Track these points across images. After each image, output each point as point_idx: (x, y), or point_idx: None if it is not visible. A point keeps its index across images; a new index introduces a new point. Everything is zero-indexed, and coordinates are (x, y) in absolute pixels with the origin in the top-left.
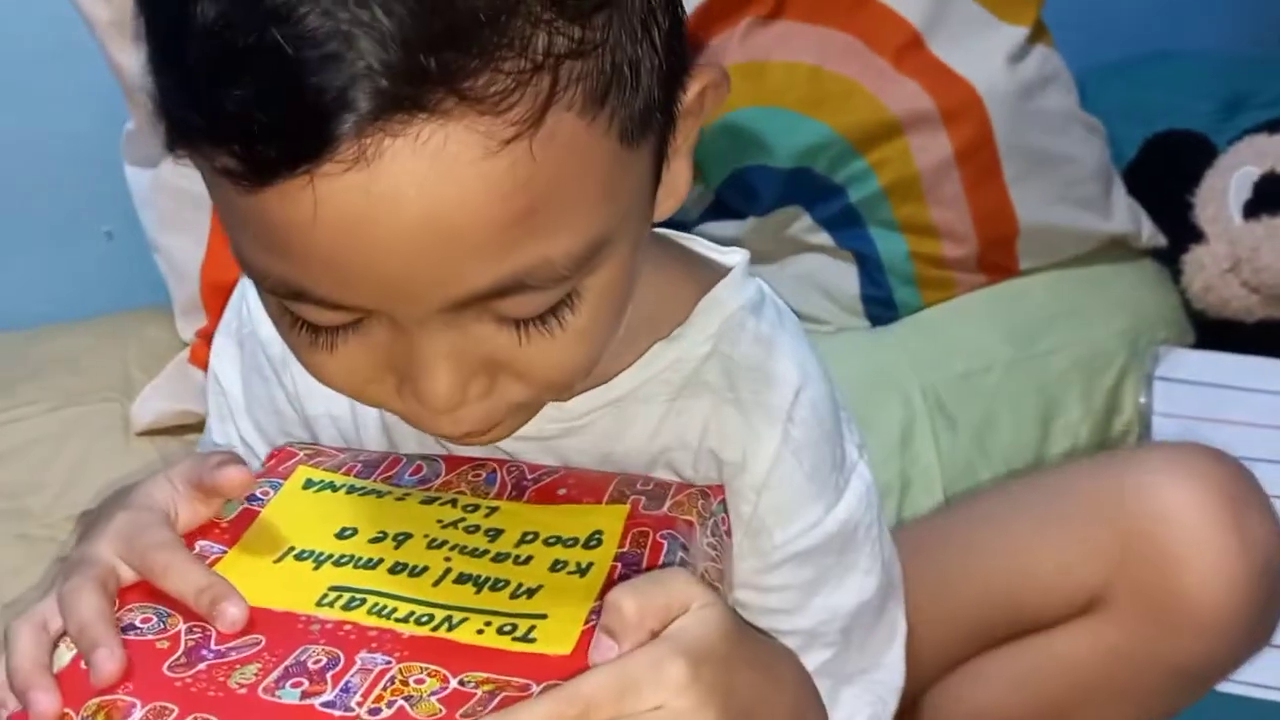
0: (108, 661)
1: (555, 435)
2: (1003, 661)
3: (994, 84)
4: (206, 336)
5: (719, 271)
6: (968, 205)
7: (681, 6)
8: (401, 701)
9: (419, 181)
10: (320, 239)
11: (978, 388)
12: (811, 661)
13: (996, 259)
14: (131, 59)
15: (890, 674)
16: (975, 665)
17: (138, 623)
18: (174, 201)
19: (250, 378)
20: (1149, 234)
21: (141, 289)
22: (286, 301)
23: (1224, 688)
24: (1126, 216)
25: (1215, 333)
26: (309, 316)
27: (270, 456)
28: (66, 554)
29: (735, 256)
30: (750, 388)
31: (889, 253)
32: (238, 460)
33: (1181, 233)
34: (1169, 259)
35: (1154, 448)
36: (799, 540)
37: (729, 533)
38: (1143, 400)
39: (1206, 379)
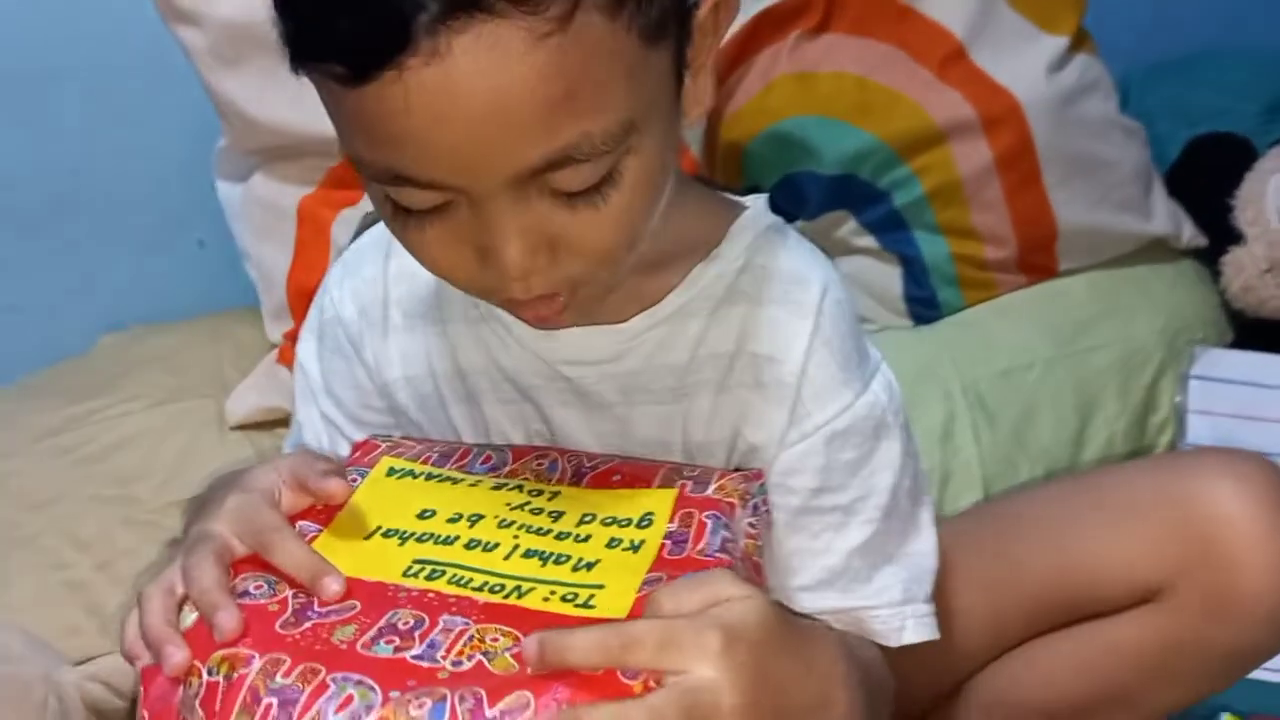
0: (228, 620)
1: (613, 357)
2: (1061, 646)
3: (1034, 93)
4: (293, 338)
5: (743, 206)
6: (1008, 209)
7: None
8: (480, 656)
9: (480, 70)
10: (411, 124)
11: (1018, 385)
12: (853, 538)
13: (1037, 260)
14: (224, 82)
15: (924, 558)
16: (1030, 649)
17: (251, 589)
18: (264, 214)
19: (331, 360)
20: (1189, 235)
21: (229, 293)
22: (388, 188)
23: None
24: (1166, 218)
25: (1254, 332)
26: (405, 200)
27: (356, 448)
28: (172, 537)
29: (754, 197)
30: (781, 290)
31: (932, 255)
32: (341, 472)
33: (1221, 233)
34: (1209, 259)
35: (1205, 453)
36: (836, 421)
37: (769, 511)
38: (1178, 398)
39: (1242, 378)
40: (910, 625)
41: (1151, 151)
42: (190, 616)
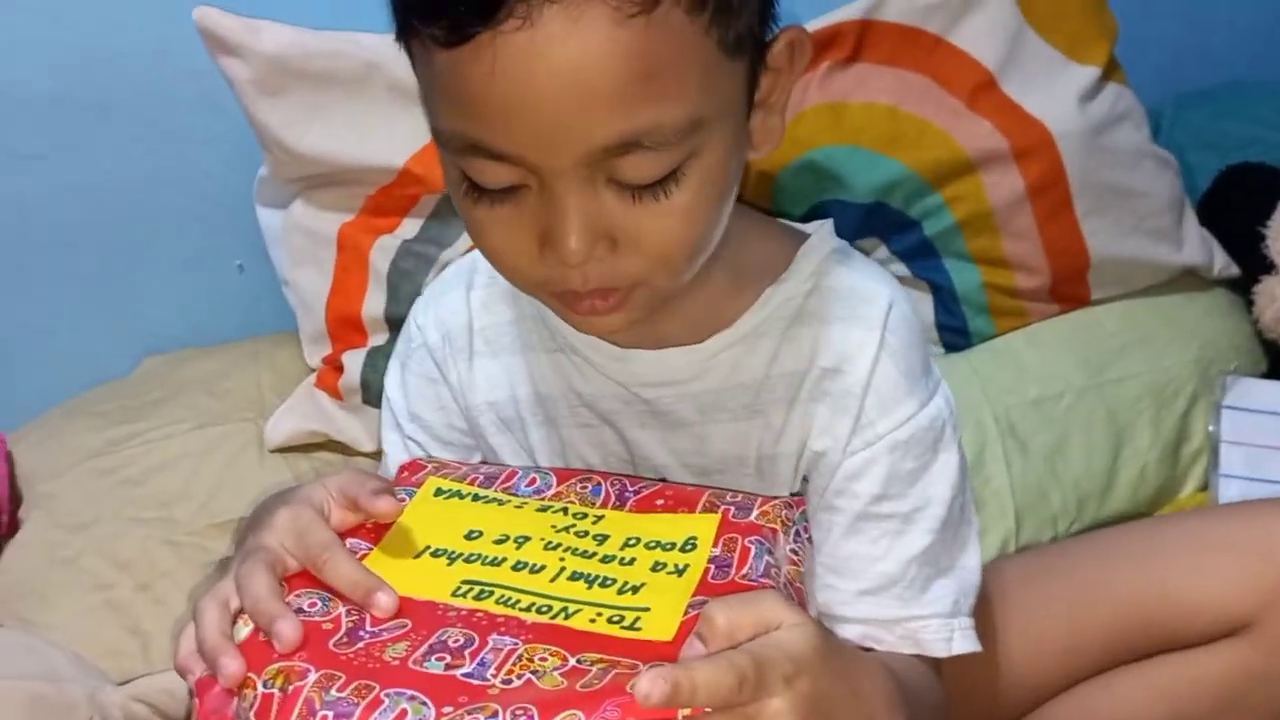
0: (289, 630)
1: (690, 378)
2: (1141, 676)
3: (1066, 123)
4: (331, 363)
5: (807, 232)
6: (1040, 238)
7: None
8: (529, 675)
9: (566, 40)
10: (495, 88)
11: (1049, 413)
12: (912, 546)
13: (1069, 289)
14: (266, 112)
15: (972, 573)
16: (1108, 678)
17: (305, 606)
18: (304, 240)
19: (417, 384)
20: (1221, 265)
21: (268, 317)
22: (464, 160)
23: None
24: (1198, 248)
25: None
26: (480, 176)
27: (403, 468)
28: (222, 557)
29: (817, 223)
30: (848, 306)
31: (963, 283)
32: (390, 491)
33: (1254, 263)
34: (1242, 289)
35: None
36: (899, 431)
37: (810, 539)
38: (1211, 428)
39: (1276, 408)
40: (957, 637)
41: (1183, 181)
42: (244, 630)
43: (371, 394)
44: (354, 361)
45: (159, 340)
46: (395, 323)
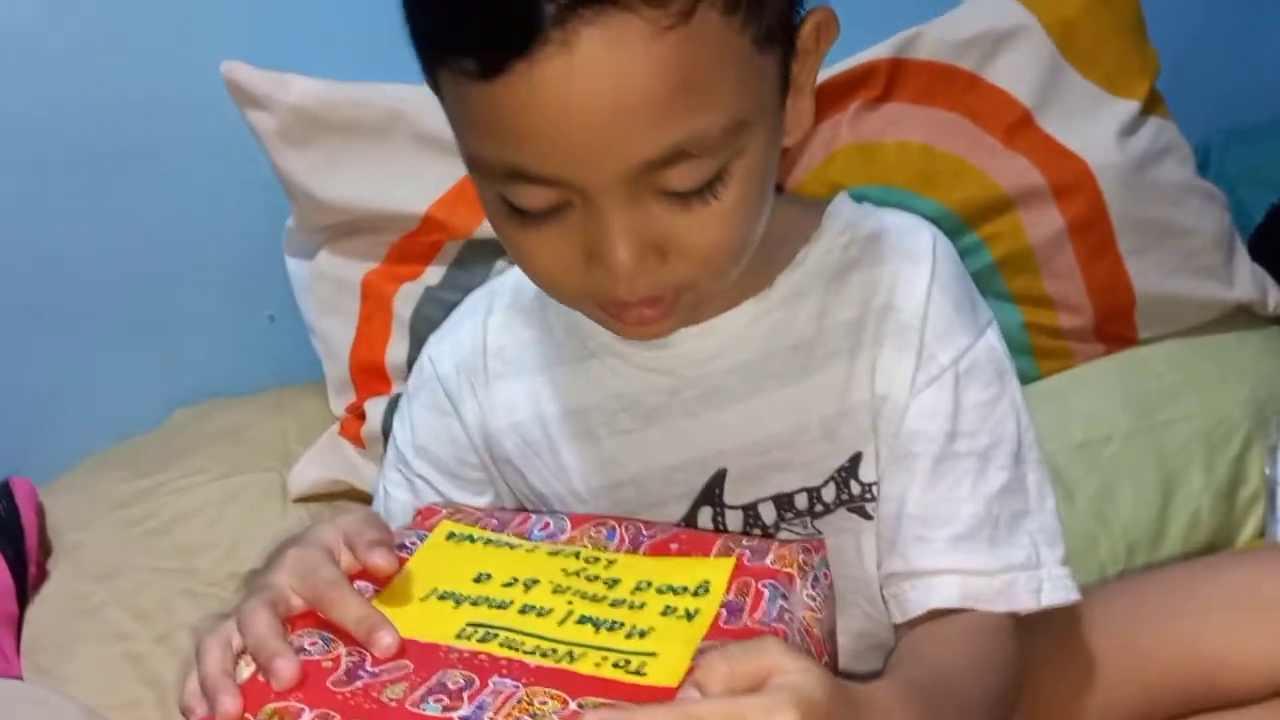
0: (286, 667)
1: (733, 346)
2: None
3: (1106, 158)
4: (355, 411)
5: (827, 199)
6: (1082, 277)
7: None
8: (527, 718)
9: (605, 60)
10: (534, 116)
11: (1095, 458)
12: (992, 483)
13: (1115, 329)
14: (292, 163)
15: (1051, 517)
16: None
17: (306, 645)
18: (329, 289)
19: (426, 418)
20: (1276, 301)
21: (299, 366)
22: (506, 188)
23: None
24: (1250, 284)
25: None
26: (522, 200)
27: (418, 513)
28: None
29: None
30: (893, 245)
31: (1004, 323)
32: (389, 545)
33: None
34: None
35: None
36: (960, 361)
37: (831, 586)
38: (1267, 471)
39: None
40: (1047, 587)
41: (1234, 217)
42: (246, 670)
43: None
44: (376, 410)
45: (191, 392)
46: None
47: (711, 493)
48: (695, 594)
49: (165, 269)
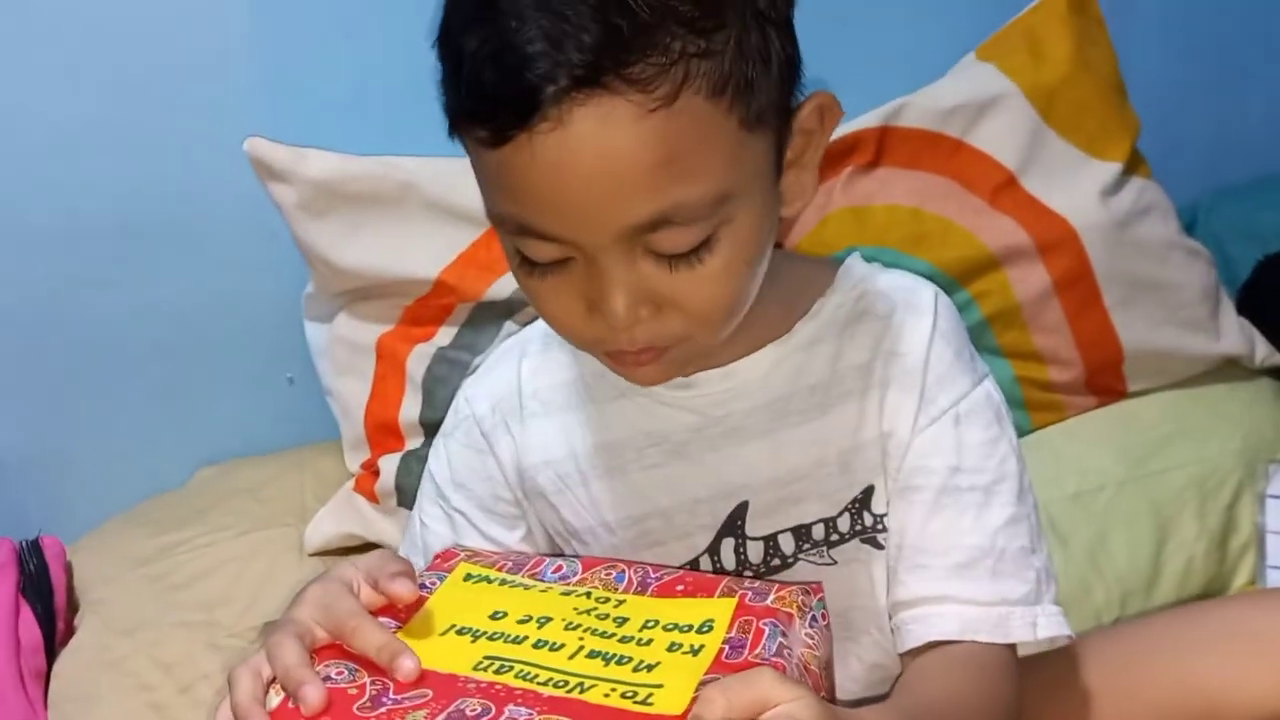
0: (313, 693)
1: (756, 387)
2: None
3: (1089, 218)
4: (370, 467)
5: (839, 259)
6: (1070, 331)
7: (795, 42)
8: None
9: (594, 136)
10: (535, 180)
11: (1089, 507)
12: (995, 518)
13: (1104, 382)
14: (311, 233)
15: (1047, 560)
16: None
17: (333, 674)
18: (346, 351)
19: (464, 455)
20: (1263, 354)
21: (316, 427)
22: (516, 239)
23: None
24: (1237, 337)
25: None
26: (531, 252)
27: (437, 556)
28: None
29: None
30: (901, 298)
31: (997, 377)
32: (410, 575)
33: None
34: None
35: None
36: (960, 404)
37: (828, 626)
38: (1258, 519)
39: None
40: (1042, 622)
41: (1223, 273)
42: (275, 699)
43: (406, 498)
44: (389, 465)
45: (213, 451)
46: (430, 427)
47: (734, 524)
48: (700, 631)
49: (189, 336)
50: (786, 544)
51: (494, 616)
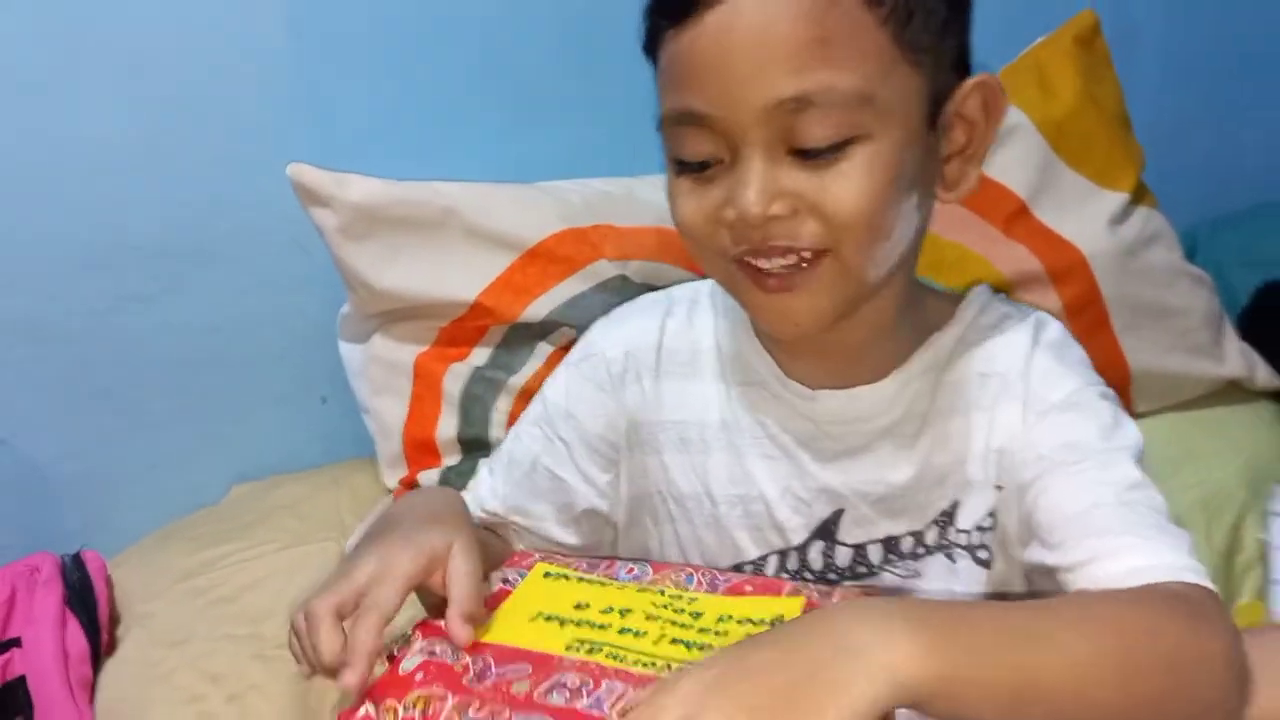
0: (353, 679)
1: (873, 415)
2: None
3: (1098, 245)
4: (408, 484)
5: (968, 293)
6: None
7: (966, 13)
8: None
9: (754, 12)
10: (701, 49)
11: None
12: (1120, 474)
13: None
14: (351, 256)
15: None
16: None
17: (438, 650)
18: (383, 371)
19: (584, 388)
20: (1264, 377)
21: (348, 445)
22: (674, 137)
23: None
24: (1239, 360)
25: None
26: (686, 148)
27: (514, 555)
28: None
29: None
30: (1008, 323)
31: None
32: (475, 619)
33: None
34: None
35: None
36: (1071, 396)
37: None
38: (1262, 537)
39: None
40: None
41: (1224, 299)
42: (381, 667)
43: None
44: (429, 481)
45: (249, 468)
46: (467, 444)
47: (828, 529)
48: (772, 625)
49: (226, 355)
50: (875, 554)
51: (578, 607)
